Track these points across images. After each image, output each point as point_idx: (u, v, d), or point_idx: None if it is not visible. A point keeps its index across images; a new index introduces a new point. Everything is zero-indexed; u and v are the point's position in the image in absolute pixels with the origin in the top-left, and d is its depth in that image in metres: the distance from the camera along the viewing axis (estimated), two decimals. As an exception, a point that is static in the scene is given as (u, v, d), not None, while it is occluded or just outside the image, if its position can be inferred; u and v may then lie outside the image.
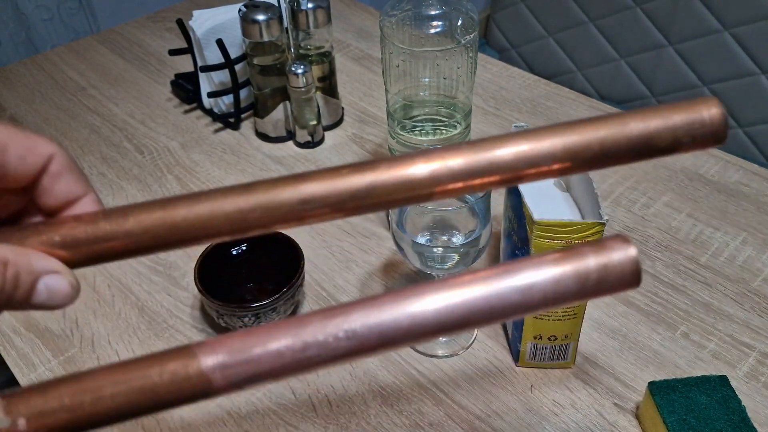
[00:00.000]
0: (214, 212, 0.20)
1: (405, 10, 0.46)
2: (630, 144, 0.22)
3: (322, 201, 0.21)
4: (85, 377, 0.20)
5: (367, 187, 0.22)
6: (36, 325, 0.51)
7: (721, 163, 0.63)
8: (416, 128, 0.50)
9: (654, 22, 1.04)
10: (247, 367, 0.19)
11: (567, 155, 0.22)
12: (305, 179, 0.21)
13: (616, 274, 0.20)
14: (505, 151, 0.21)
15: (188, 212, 0.20)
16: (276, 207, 0.21)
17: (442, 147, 0.22)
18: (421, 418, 0.43)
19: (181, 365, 0.19)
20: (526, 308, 0.20)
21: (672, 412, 0.39)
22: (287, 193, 0.21)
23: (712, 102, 0.21)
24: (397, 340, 0.20)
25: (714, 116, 0.21)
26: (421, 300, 0.20)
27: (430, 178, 0.21)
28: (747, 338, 0.47)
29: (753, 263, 0.52)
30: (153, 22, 0.92)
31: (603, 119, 0.22)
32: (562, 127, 0.22)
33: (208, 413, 0.44)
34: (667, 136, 0.21)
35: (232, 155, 0.67)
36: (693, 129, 0.21)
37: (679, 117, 0.21)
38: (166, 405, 0.19)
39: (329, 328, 0.20)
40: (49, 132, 0.72)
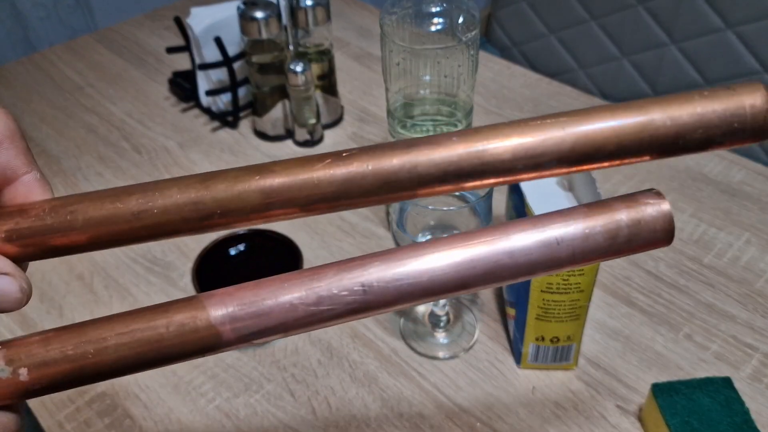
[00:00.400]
0: (167, 209, 0.18)
1: (405, 8, 0.45)
2: (653, 141, 0.18)
3: (288, 200, 0.19)
4: (88, 327, 0.18)
5: (341, 184, 0.19)
6: (33, 326, 0.50)
7: (725, 163, 0.62)
8: (417, 127, 0.49)
9: (657, 20, 1.03)
10: (258, 320, 0.18)
11: (574, 154, 0.19)
12: (270, 173, 0.19)
13: (648, 231, 0.19)
14: (501, 147, 0.18)
15: (141, 206, 0.18)
16: (236, 207, 0.18)
17: (427, 138, 0.19)
18: (422, 421, 0.43)
19: (189, 317, 0.18)
20: (553, 264, 0.19)
21: (675, 414, 0.38)
22: (250, 189, 0.18)
23: (756, 89, 0.18)
24: (415, 296, 0.18)
25: (757, 107, 0.17)
26: (440, 254, 0.18)
27: (414, 178, 0.19)
28: (750, 339, 0.46)
29: (756, 264, 0.52)
30: (151, 20, 0.91)
31: (619, 108, 0.19)
32: (569, 116, 0.19)
33: (206, 416, 0.44)
34: (697, 133, 0.18)
35: (231, 154, 0.66)
36: (731, 126, 0.17)
37: (716, 107, 0.18)
38: (172, 358, 0.18)
39: (345, 281, 0.18)
40: (46, 131, 0.71)
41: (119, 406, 0.44)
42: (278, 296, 0.18)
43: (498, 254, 0.19)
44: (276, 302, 0.18)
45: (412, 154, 0.19)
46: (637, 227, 0.19)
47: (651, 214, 0.19)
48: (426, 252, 0.19)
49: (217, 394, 0.45)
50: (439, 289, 0.19)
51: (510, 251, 0.18)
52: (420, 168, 0.19)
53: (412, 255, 0.19)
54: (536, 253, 0.19)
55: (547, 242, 0.18)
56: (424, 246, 0.19)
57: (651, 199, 0.19)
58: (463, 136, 0.19)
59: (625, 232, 0.19)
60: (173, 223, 0.19)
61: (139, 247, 0.56)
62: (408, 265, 0.19)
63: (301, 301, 0.18)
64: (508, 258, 0.18)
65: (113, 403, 0.45)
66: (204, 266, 0.48)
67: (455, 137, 0.19)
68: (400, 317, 0.49)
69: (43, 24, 1.01)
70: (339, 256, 0.54)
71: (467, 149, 0.19)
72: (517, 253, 0.18)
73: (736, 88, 0.18)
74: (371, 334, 0.48)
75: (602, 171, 0.62)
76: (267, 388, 0.45)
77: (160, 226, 0.19)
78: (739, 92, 0.18)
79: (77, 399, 0.45)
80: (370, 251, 0.61)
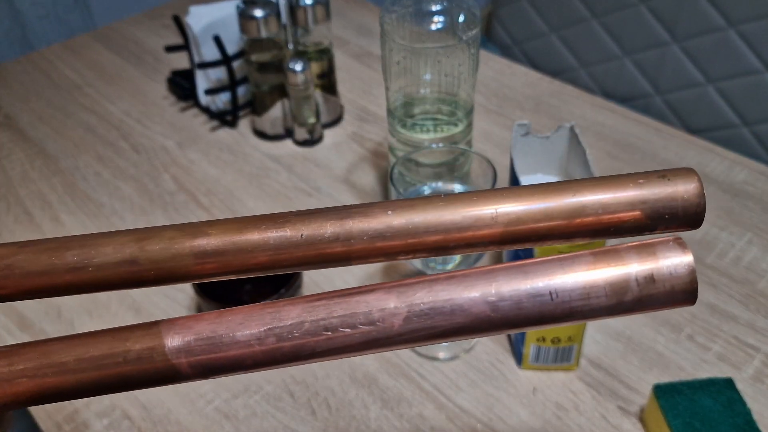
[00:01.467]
0: (103, 267, 0.18)
1: (406, 6, 0.45)
2: (583, 227, 0.17)
3: (221, 264, 0.18)
4: (50, 349, 0.18)
5: (274, 252, 0.18)
6: (31, 326, 0.50)
7: (727, 163, 0.62)
8: (417, 126, 0.49)
9: (658, 19, 1.03)
10: (215, 356, 0.18)
11: (506, 237, 0.17)
12: (205, 236, 0.18)
13: (664, 291, 0.16)
14: (433, 227, 0.17)
15: (77, 263, 0.18)
16: (170, 268, 0.18)
17: (363, 209, 0.18)
18: (423, 422, 0.42)
19: (146, 348, 0.18)
20: (546, 321, 0.16)
21: (677, 415, 0.38)
22: (184, 252, 0.18)
23: (690, 179, 0.17)
24: (380, 345, 0.17)
25: (691, 197, 0.16)
26: (410, 298, 0.17)
27: (347, 250, 0.18)
28: (752, 340, 0.46)
29: (758, 264, 0.52)
30: (149, 18, 0.91)
31: (551, 190, 0.18)
32: (502, 195, 0.18)
33: (206, 417, 0.43)
34: (629, 222, 0.17)
35: (230, 154, 0.66)
36: (662, 216, 0.16)
37: (649, 196, 0.17)
38: (132, 386, 0.18)
39: (307, 324, 0.17)
40: (45, 131, 0.71)
41: (118, 407, 0.44)
42: (236, 332, 0.18)
43: (479, 304, 0.17)
44: (233, 339, 0.18)
45: (346, 225, 0.18)
46: (651, 286, 0.16)
47: (669, 270, 0.16)
48: (394, 295, 0.18)
49: (216, 395, 0.45)
50: (405, 340, 0.17)
51: (494, 303, 0.17)
52: (354, 241, 0.18)
53: (379, 297, 0.18)
54: (525, 309, 0.16)
55: (539, 295, 0.16)
56: (392, 287, 0.18)
57: (670, 251, 0.16)
58: (398, 210, 0.18)
59: (635, 292, 0.16)
60: (108, 281, 0.19)
61: (138, 247, 0.56)
62: (372, 307, 0.17)
63: (258, 341, 0.18)
64: (490, 311, 0.17)
65: (112, 404, 0.44)
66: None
67: (390, 211, 0.18)
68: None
69: (42, 23, 1.01)
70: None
71: (401, 223, 0.18)
72: (503, 306, 0.16)
73: (670, 177, 0.17)
74: (371, 334, 0.48)
75: (604, 171, 0.61)
76: (266, 389, 0.45)
77: (96, 282, 0.19)
78: (674, 181, 0.17)
79: (76, 400, 0.45)
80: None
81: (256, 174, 0.63)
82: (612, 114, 0.69)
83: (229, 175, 0.63)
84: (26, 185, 0.64)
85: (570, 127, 0.45)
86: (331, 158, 0.65)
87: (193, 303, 0.51)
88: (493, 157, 0.62)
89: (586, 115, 0.69)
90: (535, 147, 0.46)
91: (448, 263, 0.41)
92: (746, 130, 1.03)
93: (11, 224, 0.59)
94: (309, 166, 0.64)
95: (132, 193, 0.62)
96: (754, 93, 0.99)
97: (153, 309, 0.51)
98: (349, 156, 0.65)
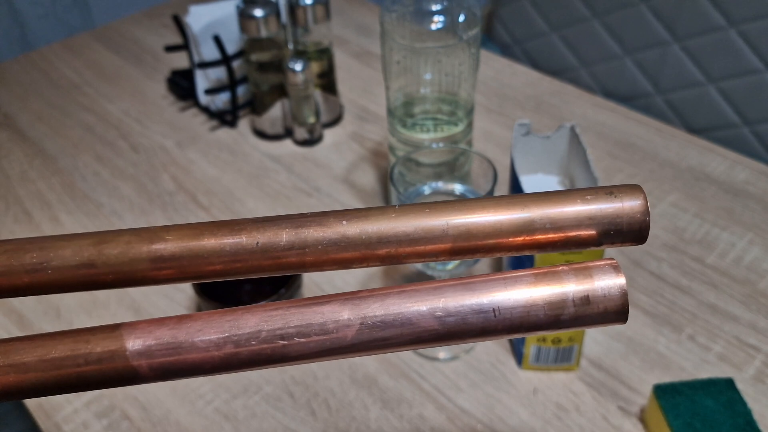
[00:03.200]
0: (61, 269, 0.19)
1: (406, 6, 0.45)
2: (532, 241, 0.18)
3: (177, 269, 0.19)
4: (10, 349, 0.19)
5: (230, 259, 0.19)
6: (30, 326, 0.50)
7: (728, 163, 0.62)
8: (417, 125, 0.49)
9: (659, 18, 1.03)
10: (174, 359, 0.18)
11: (456, 249, 0.18)
12: (162, 241, 0.19)
13: (598, 311, 0.17)
14: (386, 236, 0.18)
15: (36, 265, 0.19)
16: (127, 272, 0.19)
17: (318, 218, 0.19)
18: (423, 423, 0.42)
19: (107, 351, 0.18)
20: (488, 334, 0.17)
21: (677, 415, 0.38)
22: (141, 257, 0.19)
23: (636, 195, 0.18)
24: (334, 352, 0.18)
25: (636, 213, 0.17)
26: (369, 305, 0.18)
27: (302, 260, 0.19)
28: (753, 340, 0.46)
29: (760, 264, 0.52)
30: (149, 18, 0.91)
31: (502, 204, 0.18)
32: (453, 207, 0.19)
33: (205, 417, 0.43)
34: (575, 237, 0.18)
35: (229, 154, 0.66)
36: (608, 231, 0.18)
37: (596, 212, 0.18)
38: (93, 385, 0.19)
39: (264, 333, 0.18)
40: (43, 130, 0.71)
41: (117, 407, 0.44)
42: (195, 338, 0.18)
43: (427, 318, 0.17)
44: (192, 345, 0.18)
45: (301, 234, 0.19)
46: (586, 306, 0.17)
47: (603, 291, 0.17)
48: (348, 307, 0.18)
49: (215, 396, 0.44)
50: (358, 349, 0.18)
51: (441, 318, 0.17)
52: (308, 250, 0.19)
53: (334, 309, 0.18)
54: (470, 323, 0.17)
55: (483, 311, 0.17)
56: (347, 299, 0.18)
57: (606, 274, 0.17)
58: (352, 220, 0.19)
59: (572, 311, 0.17)
60: (67, 283, 0.19)
61: (137, 246, 0.56)
62: (327, 318, 0.18)
63: (216, 347, 0.18)
64: (438, 325, 0.17)
65: (111, 405, 0.44)
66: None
67: (345, 221, 0.19)
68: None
69: (41, 22, 1.01)
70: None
71: (355, 233, 0.18)
72: (449, 320, 0.17)
73: (616, 193, 0.18)
74: (371, 334, 0.48)
75: (605, 171, 0.61)
76: (266, 389, 0.45)
77: (54, 284, 0.19)
78: (620, 197, 0.18)
79: (75, 400, 0.45)
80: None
81: (256, 174, 0.63)
82: (612, 113, 0.69)
83: (229, 175, 0.63)
84: (25, 185, 0.64)
85: (571, 126, 0.45)
86: (331, 158, 0.65)
87: (193, 303, 0.51)
88: (494, 156, 0.62)
89: (586, 115, 0.69)
90: (536, 146, 0.46)
91: (448, 264, 0.41)
92: (747, 130, 1.03)
93: (10, 224, 0.59)
94: (309, 165, 0.64)
95: (131, 192, 0.62)
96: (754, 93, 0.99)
97: (152, 309, 0.50)
98: (349, 156, 0.65)
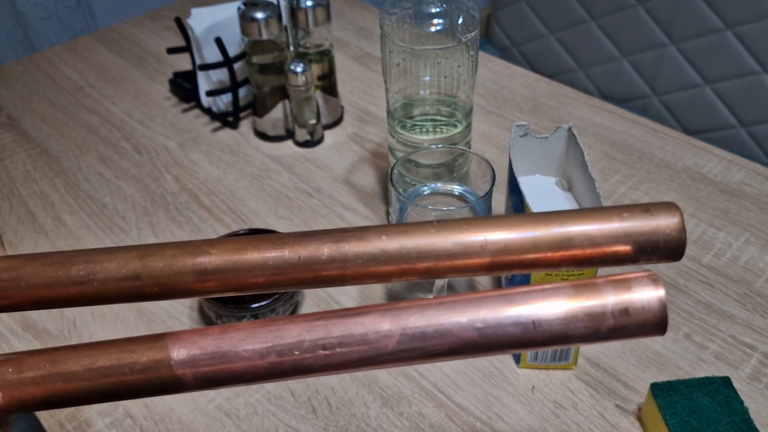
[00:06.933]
0: (106, 281, 0.20)
1: (405, 8, 0.45)
2: (569, 257, 0.18)
3: (221, 282, 0.20)
4: (58, 357, 0.19)
5: (272, 272, 0.20)
6: (33, 326, 0.50)
7: (724, 163, 0.62)
8: (416, 127, 0.49)
9: (656, 20, 1.03)
10: (219, 368, 0.19)
11: (494, 264, 0.19)
12: (206, 254, 0.20)
13: (637, 322, 0.17)
14: (425, 252, 0.19)
15: (83, 277, 0.19)
16: (171, 285, 0.20)
17: (359, 233, 0.19)
18: (422, 420, 0.43)
19: (152, 361, 0.19)
20: (527, 346, 0.18)
21: (674, 413, 0.38)
22: (185, 270, 0.20)
23: (673, 213, 0.18)
24: (373, 363, 0.18)
25: (673, 231, 0.18)
26: (403, 320, 0.18)
27: (343, 273, 0.19)
28: (749, 339, 0.47)
29: (755, 264, 0.52)
30: (151, 20, 0.91)
31: (540, 220, 0.19)
32: (491, 223, 0.19)
33: (207, 415, 0.44)
34: (612, 254, 0.18)
35: (231, 155, 0.67)
36: (645, 249, 0.18)
37: (633, 230, 0.18)
38: (139, 394, 0.19)
39: (306, 344, 0.18)
40: (47, 131, 0.71)
41: (119, 405, 0.44)
42: (239, 348, 0.19)
43: (467, 330, 0.18)
44: (236, 354, 0.19)
45: (342, 248, 0.19)
46: (625, 317, 0.17)
47: (642, 303, 0.17)
48: (389, 318, 0.18)
49: (217, 394, 0.45)
50: (398, 359, 0.18)
51: (481, 330, 0.18)
52: (348, 264, 0.19)
53: (374, 320, 0.19)
54: (509, 334, 0.17)
55: (522, 323, 0.17)
56: (387, 310, 0.19)
57: (645, 286, 0.17)
58: (392, 235, 0.19)
59: (611, 323, 0.17)
60: (112, 295, 0.20)
61: (140, 247, 0.56)
62: (368, 329, 0.18)
63: (260, 357, 0.19)
64: (478, 336, 0.18)
65: (113, 403, 0.45)
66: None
67: (384, 236, 0.19)
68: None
69: (44, 24, 1.02)
70: (339, 256, 0.54)
71: (395, 247, 0.19)
72: (488, 332, 0.17)
73: (653, 211, 0.18)
74: (371, 333, 0.48)
75: (602, 172, 0.62)
76: (267, 387, 0.45)
77: (100, 296, 0.20)
78: (656, 215, 0.18)
79: (78, 398, 0.45)
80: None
81: (258, 174, 0.64)
82: (610, 115, 0.70)
83: (231, 176, 0.64)
84: (28, 185, 0.64)
85: (568, 128, 0.45)
86: (332, 159, 0.65)
87: (195, 303, 0.51)
88: (492, 157, 0.63)
89: (584, 116, 0.69)
90: (534, 148, 0.46)
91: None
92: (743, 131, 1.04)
93: (14, 224, 0.60)
94: (309, 166, 0.65)
95: (134, 193, 0.62)
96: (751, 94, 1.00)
97: (155, 309, 0.51)
98: (349, 157, 0.65)
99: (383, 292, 0.51)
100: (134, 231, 0.58)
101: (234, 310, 0.45)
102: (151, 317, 0.50)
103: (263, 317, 0.46)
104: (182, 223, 0.59)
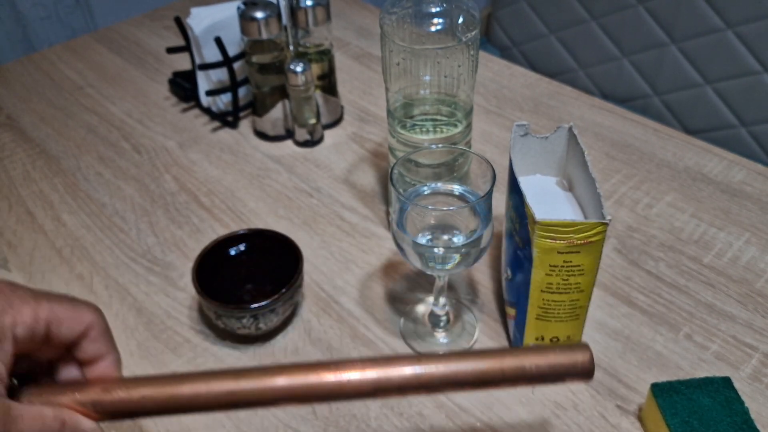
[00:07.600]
0: (209, 397, 0.27)
1: (405, 8, 0.45)
2: (507, 380, 0.28)
3: (294, 397, 0.28)
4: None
5: (337, 392, 0.28)
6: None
7: (725, 163, 0.62)
8: (416, 127, 0.49)
9: (657, 20, 1.03)
10: None
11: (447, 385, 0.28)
12: (283, 375, 0.28)
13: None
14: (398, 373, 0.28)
15: (192, 396, 0.27)
16: (257, 399, 0.27)
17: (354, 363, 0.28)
18: (422, 421, 0.43)
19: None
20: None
21: (675, 414, 0.38)
22: (268, 388, 0.27)
23: (584, 351, 0.28)
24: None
25: (586, 362, 0.28)
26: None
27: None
28: (750, 339, 0.46)
29: (756, 264, 0.52)
30: (151, 20, 0.91)
31: (487, 357, 0.29)
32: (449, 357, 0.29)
33: (207, 415, 0.44)
34: (538, 380, 0.28)
35: (231, 154, 0.66)
36: (561, 377, 0.28)
37: (553, 363, 0.28)
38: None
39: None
40: (46, 131, 0.71)
41: (119, 406, 0.44)
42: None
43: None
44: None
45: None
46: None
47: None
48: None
49: (217, 394, 0.45)
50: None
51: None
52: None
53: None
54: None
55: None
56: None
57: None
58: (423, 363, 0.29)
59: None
60: (213, 406, 0.28)
61: (139, 246, 0.56)
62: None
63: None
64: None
65: (113, 403, 0.44)
66: (204, 266, 0.48)
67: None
68: (400, 317, 0.49)
69: (43, 24, 1.01)
70: (339, 256, 0.54)
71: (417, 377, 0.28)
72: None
73: (566, 350, 0.29)
74: (371, 334, 0.48)
75: (602, 171, 0.62)
76: (267, 388, 0.45)
77: (205, 406, 0.28)
78: (574, 351, 0.29)
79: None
80: (370, 251, 0.60)
81: (257, 174, 0.64)
82: (610, 115, 0.69)
83: (230, 176, 0.64)
84: (28, 185, 0.64)
85: (569, 127, 0.45)
86: (332, 159, 0.65)
87: (195, 303, 0.51)
88: (492, 157, 0.62)
89: (584, 116, 0.69)
90: (534, 147, 0.46)
91: (448, 263, 0.41)
92: (744, 131, 1.03)
93: (13, 224, 0.60)
94: (309, 166, 0.65)
95: (133, 193, 0.62)
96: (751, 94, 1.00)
97: (154, 308, 0.51)
98: (349, 156, 0.65)
99: (383, 292, 0.51)
100: (133, 231, 0.58)
101: (233, 310, 0.45)
102: (151, 317, 0.50)
103: (263, 317, 0.45)
104: (181, 223, 0.58)
